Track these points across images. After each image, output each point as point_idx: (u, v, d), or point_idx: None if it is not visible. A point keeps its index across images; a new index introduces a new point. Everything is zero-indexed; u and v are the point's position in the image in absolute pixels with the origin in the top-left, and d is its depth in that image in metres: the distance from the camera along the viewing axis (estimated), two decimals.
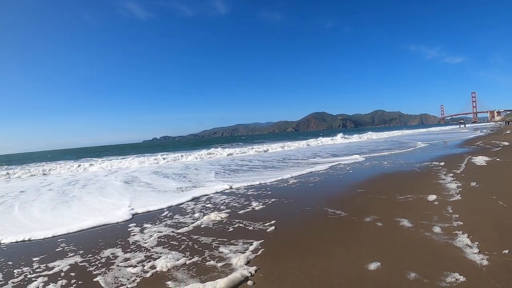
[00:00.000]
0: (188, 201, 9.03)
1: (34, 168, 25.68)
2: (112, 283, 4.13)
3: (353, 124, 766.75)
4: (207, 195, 9.74)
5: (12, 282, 4.37)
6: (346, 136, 48.73)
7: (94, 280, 4.27)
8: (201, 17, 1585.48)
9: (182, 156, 27.47)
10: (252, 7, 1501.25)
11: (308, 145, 36.93)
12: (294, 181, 11.33)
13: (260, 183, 11.21)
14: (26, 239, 6.40)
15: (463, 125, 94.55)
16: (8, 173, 22.29)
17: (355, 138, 47.62)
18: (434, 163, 13.33)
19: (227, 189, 10.43)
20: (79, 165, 23.92)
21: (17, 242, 6.31)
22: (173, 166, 20.96)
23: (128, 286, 4.01)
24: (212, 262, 4.51)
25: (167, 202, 8.86)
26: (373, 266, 3.98)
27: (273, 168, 15.64)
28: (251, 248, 4.95)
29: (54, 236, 6.48)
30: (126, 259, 4.91)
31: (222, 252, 4.85)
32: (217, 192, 10.05)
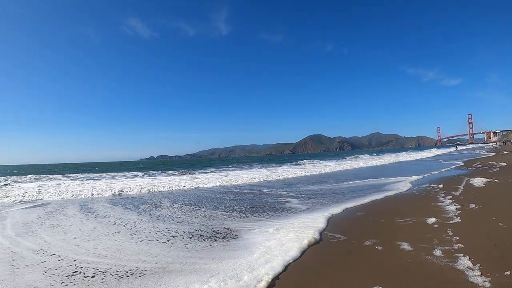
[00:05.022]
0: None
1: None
2: None
3: (350, 147, 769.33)
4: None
5: None
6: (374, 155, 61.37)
7: None
8: (202, 37, 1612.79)
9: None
10: (253, 28, 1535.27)
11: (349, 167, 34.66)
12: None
13: None
14: None
15: (455, 148, 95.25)
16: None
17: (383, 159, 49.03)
18: (432, 185, 13.34)
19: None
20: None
21: None
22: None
23: None
24: None
25: None
26: None
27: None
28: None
29: None
30: None
31: None
32: None
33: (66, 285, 4.84)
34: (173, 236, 7.45)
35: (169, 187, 18.83)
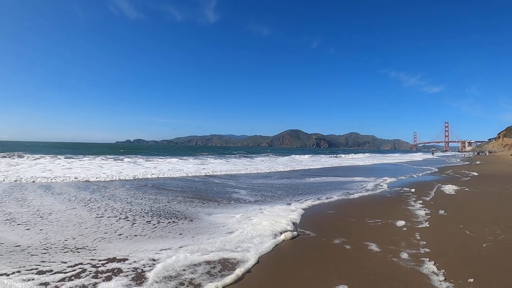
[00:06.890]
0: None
1: None
2: None
3: (327, 144, 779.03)
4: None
5: None
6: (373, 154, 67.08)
7: None
8: (190, 23, 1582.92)
9: None
10: (241, 18, 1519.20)
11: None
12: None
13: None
14: None
15: (431, 154, 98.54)
16: None
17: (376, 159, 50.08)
18: (405, 188, 13.54)
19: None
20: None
21: None
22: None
23: None
24: None
25: None
26: None
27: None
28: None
29: None
30: None
31: None
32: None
33: (45, 244, 5.35)
34: (133, 215, 7.70)
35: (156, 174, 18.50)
